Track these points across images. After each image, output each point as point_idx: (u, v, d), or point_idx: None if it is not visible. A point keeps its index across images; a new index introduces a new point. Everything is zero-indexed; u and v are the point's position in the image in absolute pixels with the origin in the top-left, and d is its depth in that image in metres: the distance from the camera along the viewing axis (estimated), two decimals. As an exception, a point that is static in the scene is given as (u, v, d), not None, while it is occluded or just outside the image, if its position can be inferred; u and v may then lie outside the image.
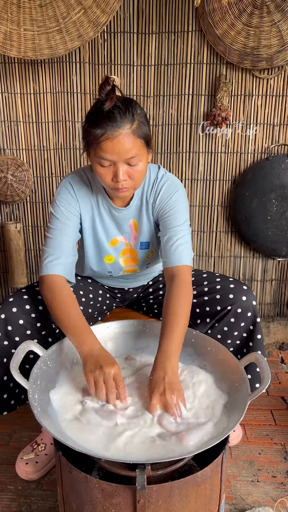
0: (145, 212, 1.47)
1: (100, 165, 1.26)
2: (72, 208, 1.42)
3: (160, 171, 1.46)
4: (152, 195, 1.45)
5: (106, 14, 1.90)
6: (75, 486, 1.07)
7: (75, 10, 1.88)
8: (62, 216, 1.41)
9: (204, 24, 2.05)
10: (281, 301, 2.51)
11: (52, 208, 1.43)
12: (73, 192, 1.43)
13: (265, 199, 2.23)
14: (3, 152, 2.26)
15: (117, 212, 1.46)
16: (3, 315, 1.37)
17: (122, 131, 1.21)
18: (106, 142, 1.21)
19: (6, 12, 1.87)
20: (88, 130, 1.24)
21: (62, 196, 1.42)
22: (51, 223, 1.42)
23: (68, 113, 2.21)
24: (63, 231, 1.40)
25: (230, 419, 1.09)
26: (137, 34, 2.10)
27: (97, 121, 1.21)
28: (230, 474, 1.59)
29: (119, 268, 1.56)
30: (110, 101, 1.20)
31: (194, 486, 1.04)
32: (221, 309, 1.47)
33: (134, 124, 1.23)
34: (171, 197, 1.43)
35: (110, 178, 1.28)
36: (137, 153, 1.25)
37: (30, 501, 1.49)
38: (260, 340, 1.48)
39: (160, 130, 2.23)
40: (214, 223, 2.38)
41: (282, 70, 2.11)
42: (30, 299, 1.40)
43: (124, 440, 1.04)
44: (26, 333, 1.39)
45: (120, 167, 1.25)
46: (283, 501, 1.48)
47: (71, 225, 1.41)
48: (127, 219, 1.48)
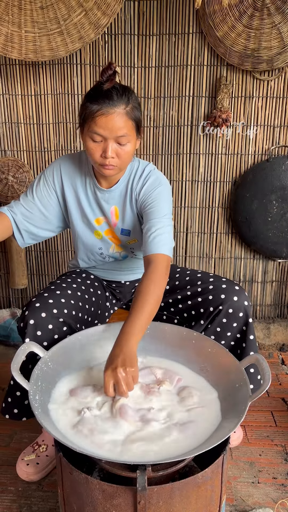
0: (129, 201, 1.51)
1: (91, 140, 1.34)
2: (49, 185, 1.52)
3: (148, 166, 1.51)
4: (137, 186, 1.49)
5: (107, 16, 1.90)
6: (76, 487, 1.07)
7: (76, 12, 1.89)
8: (37, 189, 1.51)
9: (204, 26, 2.05)
10: (281, 302, 2.51)
11: (35, 178, 1.54)
12: (58, 170, 1.52)
13: (265, 201, 2.23)
14: (4, 154, 2.26)
15: (101, 193, 1.51)
16: (32, 320, 1.37)
17: (117, 109, 1.30)
18: (101, 117, 1.30)
19: (7, 14, 1.88)
20: (86, 105, 1.33)
21: (47, 173, 1.52)
22: (26, 192, 1.53)
23: (69, 114, 2.21)
24: (27, 201, 1.50)
25: (230, 420, 1.09)
26: (138, 36, 2.10)
27: (95, 97, 1.31)
28: (231, 475, 1.59)
29: (108, 243, 1.58)
30: (110, 82, 1.31)
31: (194, 487, 1.04)
32: (213, 309, 1.47)
33: (129, 106, 1.32)
34: (154, 190, 1.47)
35: (99, 154, 1.35)
36: (128, 133, 1.33)
37: (30, 502, 1.49)
38: (253, 341, 1.48)
39: (160, 132, 2.24)
40: (215, 225, 2.38)
41: (282, 72, 2.12)
42: (55, 303, 1.40)
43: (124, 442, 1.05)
44: (54, 337, 1.39)
45: (109, 144, 1.33)
46: (284, 502, 1.47)
47: (38, 200, 1.51)
48: (109, 203, 1.52)
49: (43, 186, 1.52)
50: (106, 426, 1.08)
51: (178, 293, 1.57)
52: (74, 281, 1.56)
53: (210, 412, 1.15)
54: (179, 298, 1.57)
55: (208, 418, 1.13)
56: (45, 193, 1.51)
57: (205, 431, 1.09)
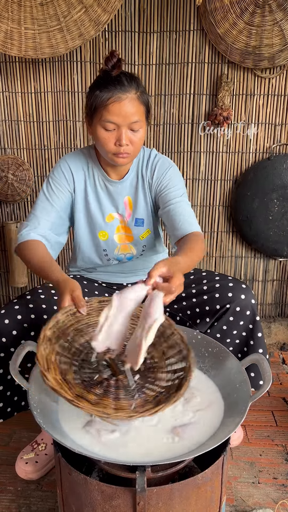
0: (141, 188, 1.51)
1: (104, 129, 1.33)
2: (63, 187, 1.48)
3: (153, 151, 1.53)
4: (148, 172, 1.50)
5: (107, 13, 1.89)
6: (74, 487, 1.06)
7: (76, 8, 1.88)
8: (51, 193, 1.47)
9: (205, 23, 2.04)
10: (282, 301, 2.51)
11: (43, 185, 1.49)
12: (68, 170, 1.48)
13: (266, 199, 2.22)
14: (4, 152, 2.25)
15: (112, 185, 1.50)
16: (7, 320, 1.36)
17: (129, 94, 1.30)
18: (114, 104, 1.29)
19: (7, 10, 1.86)
20: (95, 94, 1.31)
21: (55, 174, 1.49)
22: (39, 200, 1.47)
23: (69, 112, 2.20)
24: (47, 210, 1.45)
25: (231, 420, 1.08)
26: (138, 33, 2.09)
27: (105, 85, 1.30)
28: (231, 475, 1.58)
29: (113, 244, 1.56)
30: (118, 69, 1.31)
31: (194, 488, 1.03)
32: (220, 307, 1.46)
33: (139, 91, 1.33)
34: (167, 172, 1.49)
35: (113, 142, 1.34)
36: (140, 118, 1.34)
37: (29, 502, 1.48)
38: (261, 338, 1.48)
39: (161, 130, 2.22)
40: (216, 223, 2.37)
41: (284, 70, 2.11)
42: (21, 309, 1.39)
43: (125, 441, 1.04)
44: (21, 343, 1.38)
45: (123, 131, 1.32)
46: (284, 503, 1.47)
47: (57, 205, 1.46)
48: (122, 194, 1.51)
49: (57, 190, 1.47)
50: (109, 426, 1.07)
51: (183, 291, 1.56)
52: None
53: (211, 412, 1.14)
54: (183, 295, 1.55)
55: (208, 418, 1.12)
56: (61, 196, 1.47)
57: (206, 432, 1.08)
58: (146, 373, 1.12)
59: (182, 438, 1.05)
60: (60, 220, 1.49)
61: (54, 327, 1.11)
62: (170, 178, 1.48)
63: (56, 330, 1.11)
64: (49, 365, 1.01)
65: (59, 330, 1.12)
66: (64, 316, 1.15)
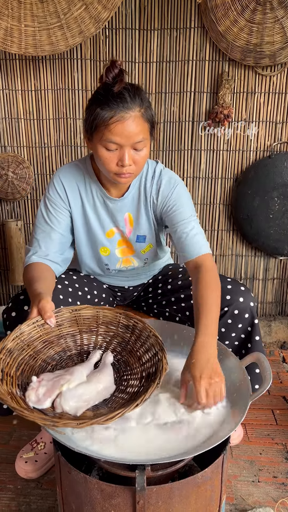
0: (144, 205, 1.45)
1: (105, 149, 1.24)
2: (60, 207, 1.42)
3: (158, 166, 1.45)
4: (152, 190, 1.43)
5: (107, 10, 1.88)
6: (74, 486, 1.06)
7: (76, 6, 1.87)
8: (50, 216, 1.41)
9: (206, 21, 2.03)
10: (282, 300, 2.50)
11: (41, 205, 1.43)
12: (62, 188, 1.42)
13: (267, 198, 2.21)
14: (4, 149, 2.25)
15: (111, 203, 1.44)
16: (14, 313, 1.37)
17: (133, 113, 1.20)
18: (116, 124, 1.19)
19: (7, 8, 1.86)
20: (96, 112, 1.20)
21: (51, 194, 1.42)
22: (38, 222, 1.42)
23: (69, 110, 2.19)
24: (48, 233, 1.41)
25: (231, 419, 1.07)
26: (138, 30, 2.08)
27: (106, 102, 1.19)
28: (231, 474, 1.58)
29: (115, 259, 1.54)
30: (120, 83, 1.19)
31: (194, 487, 1.03)
32: None
33: (143, 108, 1.22)
34: (173, 192, 1.42)
35: (115, 163, 1.26)
36: (144, 137, 1.24)
37: (29, 500, 1.48)
38: (258, 342, 1.47)
39: (161, 128, 2.22)
40: (216, 222, 2.36)
41: (285, 67, 2.10)
42: (28, 300, 1.39)
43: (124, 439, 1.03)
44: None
45: (126, 151, 1.23)
46: (284, 501, 1.46)
47: (58, 228, 1.42)
48: (122, 211, 1.46)
49: (54, 211, 1.42)
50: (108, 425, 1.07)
51: (181, 292, 1.56)
52: (68, 278, 1.52)
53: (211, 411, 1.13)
54: (182, 297, 1.55)
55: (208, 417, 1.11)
56: (60, 216, 1.42)
57: (206, 430, 1.07)
58: (119, 382, 1.12)
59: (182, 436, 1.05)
60: (63, 239, 1.45)
61: (18, 338, 1.09)
62: (177, 198, 1.41)
63: (20, 342, 1.10)
64: (5, 377, 1.00)
65: (23, 342, 1.11)
66: (30, 327, 1.13)
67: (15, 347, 1.08)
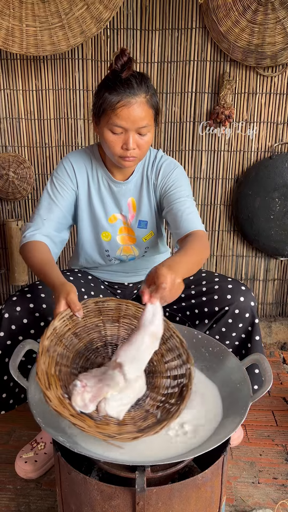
0: (146, 190, 1.49)
1: (111, 132, 1.30)
2: (67, 185, 1.46)
3: (159, 153, 1.51)
4: (153, 173, 1.48)
5: (109, 10, 1.88)
6: (74, 487, 1.06)
7: (77, 6, 1.87)
8: (55, 192, 1.45)
9: (208, 21, 2.03)
10: (283, 301, 2.50)
11: (47, 184, 1.47)
12: (71, 168, 1.46)
13: (268, 198, 2.21)
14: (5, 149, 2.25)
15: (116, 186, 1.48)
16: (7, 314, 1.36)
17: (138, 99, 1.26)
18: (123, 108, 1.26)
19: (8, 7, 1.86)
20: (104, 96, 1.27)
21: (59, 173, 1.47)
22: (43, 199, 1.45)
23: (71, 110, 2.19)
24: (51, 209, 1.44)
25: (231, 420, 1.07)
26: (140, 30, 2.08)
27: (114, 87, 1.26)
28: (231, 475, 1.57)
29: (116, 245, 1.55)
30: (128, 70, 1.26)
31: (194, 488, 1.03)
32: (218, 309, 1.45)
33: (149, 94, 1.29)
34: (172, 173, 1.47)
35: (119, 146, 1.32)
36: (148, 123, 1.31)
37: (29, 500, 1.48)
38: (258, 342, 1.47)
39: (162, 128, 2.22)
40: (217, 222, 2.36)
41: (286, 68, 2.09)
42: (33, 298, 1.39)
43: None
44: (30, 332, 1.38)
45: (131, 135, 1.30)
46: (284, 503, 1.46)
47: (61, 205, 1.45)
48: (126, 196, 1.50)
49: (61, 188, 1.45)
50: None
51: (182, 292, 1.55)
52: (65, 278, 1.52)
53: (211, 412, 1.13)
54: (182, 296, 1.55)
55: (208, 418, 1.11)
56: (66, 195, 1.45)
57: (206, 432, 1.07)
58: (146, 378, 1.11)
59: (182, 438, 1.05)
60: (64, 220, 1.48)
61: (52, 335, 1.09)
62: (175, 179, 1.46)
63: (54, 338, 1.10)
64: (50, 380, 1.00)
65: (56, 337, 1.11)
66: (61, 322, 1.13)
67: (50, 344, 1.08)
